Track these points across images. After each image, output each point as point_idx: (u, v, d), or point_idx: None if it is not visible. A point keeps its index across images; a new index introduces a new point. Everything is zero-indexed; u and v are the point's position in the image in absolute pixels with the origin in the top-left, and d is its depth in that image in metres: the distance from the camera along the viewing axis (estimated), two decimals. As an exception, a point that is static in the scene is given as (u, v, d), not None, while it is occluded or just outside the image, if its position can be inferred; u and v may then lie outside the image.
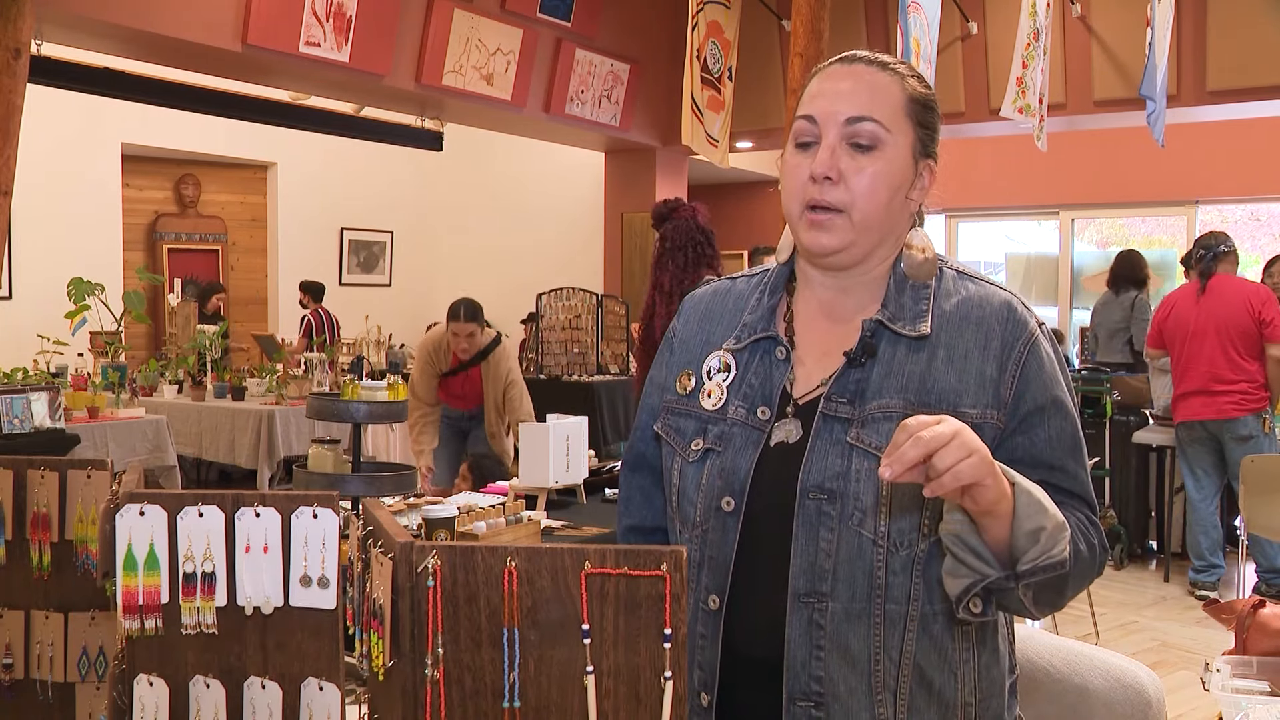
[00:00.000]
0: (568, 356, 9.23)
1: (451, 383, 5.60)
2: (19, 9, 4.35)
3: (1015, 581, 1.23)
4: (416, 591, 1.11)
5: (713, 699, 1.36)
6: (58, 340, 6.59)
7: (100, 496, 1.60)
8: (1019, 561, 1.22)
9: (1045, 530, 1.21)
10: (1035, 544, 1.21)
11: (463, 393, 5.59)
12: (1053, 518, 1.22)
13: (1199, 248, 5.84)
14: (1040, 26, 6.09)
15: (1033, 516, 1.21)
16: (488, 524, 2.98)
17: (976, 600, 1.25)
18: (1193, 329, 5.64)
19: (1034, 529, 1.21)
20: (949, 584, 1.25)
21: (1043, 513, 1.21)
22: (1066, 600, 1.36)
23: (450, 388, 5.60)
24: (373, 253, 11.77)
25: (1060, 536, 1.23)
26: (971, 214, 10.60)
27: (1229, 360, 5.52)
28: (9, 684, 1.64)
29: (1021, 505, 1.21)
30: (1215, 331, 5.55)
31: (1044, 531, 1.21)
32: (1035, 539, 1.21)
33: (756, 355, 1.42)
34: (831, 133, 1.35)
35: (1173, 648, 4.90)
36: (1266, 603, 2.21)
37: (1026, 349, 1.35)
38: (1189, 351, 5.64)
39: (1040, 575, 1.22)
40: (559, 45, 7.96)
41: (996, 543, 1.22)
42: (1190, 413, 5.64)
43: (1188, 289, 5.81)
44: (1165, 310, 5.87)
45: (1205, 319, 5.60)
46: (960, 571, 1.24)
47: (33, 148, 5.98)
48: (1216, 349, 5.54)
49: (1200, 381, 5.58)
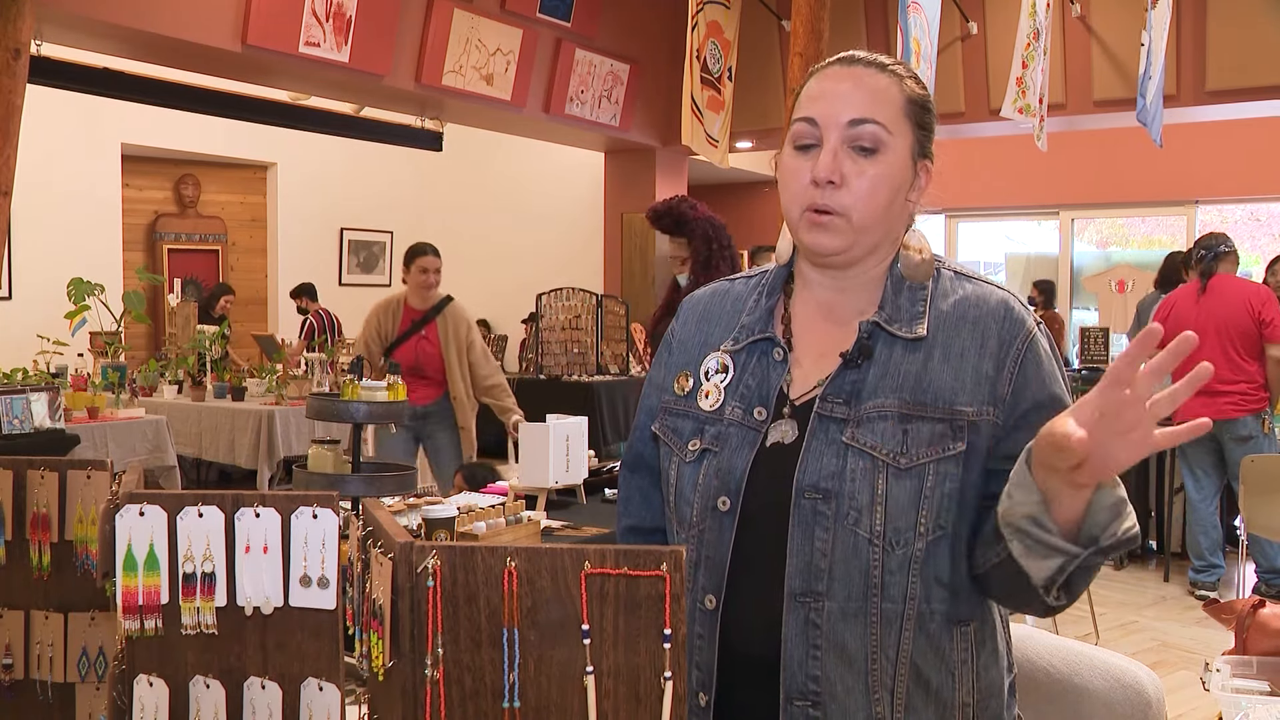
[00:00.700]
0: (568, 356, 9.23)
1: (401, 354, 5.17)
2: (19, 9, 4.35)
3: (1102, 556, 1.21)
4: (416, 592, 1.11)
5: (711, 699, 1.36)
6: (58, 340, 6.58)
7: (100, 497, 1.60)
8: (1099, 536, 1.19)
9: (1125, 500, 1.20)
10: (1116, 517, 1.19)
11: (416, 363, 5.16)
12: (1122, 490, 1.21)
13: (1199, 248, 5.83)
14: (1040, 26, 6.09)
15: (1114, 488, 1.19)
16: (487, 524, 2.98)
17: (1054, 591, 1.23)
18: (1192, 329, 5.62)
19: (1116, 500, 1.19)
20: (1034, 567, 1.22)
21: (1118, 484, 1.20)
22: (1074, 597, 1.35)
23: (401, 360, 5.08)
24: (373, 253, 11.77)
25: (1129, 509, 1.21)
26: (971, 214, 10.60)
27: (1229, 361, 5.51)
28: (9, 684, 1.64)
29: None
30: (1215, 332, 5.54)
31: (1124, 502, 1.20)
32: (1117, 511, 1.19)
33: (754, 356, 1.42)
34: (833, 136, 1.35)
35: (1173, 648, 4.90)
36: (1266, 603, 2.22)
37: (1025, 347, 1.35)
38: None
39: (1120, 549, 1.20)
40: (559, 45, 7.96)
41: (1067, 521, 1.20)
42: (1189, 414, 5.61)
43: (1188, 289, 5.81)
44: (1165, 310, 5.86)
45: (1205, 319, 5.59)
46: (1045, 553, 1.21)
47: (33, 148, 5.99)
48: (1216, 349, 5.53)
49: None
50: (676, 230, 4.31)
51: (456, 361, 5.21)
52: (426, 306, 5.26)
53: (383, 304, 5.34)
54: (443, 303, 5.26)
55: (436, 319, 5.25)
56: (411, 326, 5.24)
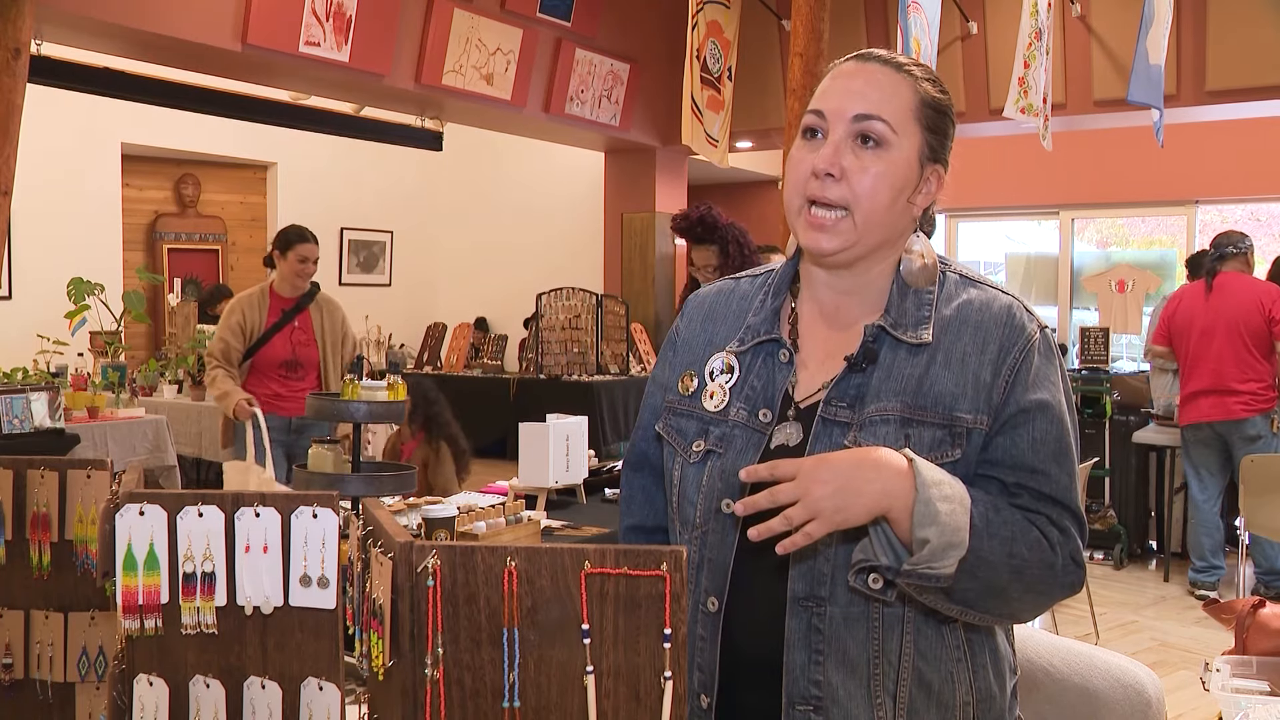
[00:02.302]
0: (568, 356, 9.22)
1: (275, 348, 4.72)
2: (19, 9, 4.35)
3: (895, 576, 1.24)
4: (416, 591, 1.11)
5: (713, 701, 1.36)
6: (58, 340, 6.58)
7: (100, 496, 1.60)
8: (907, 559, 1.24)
9: (929, 544, 1.21)
10: (919, 552, 1.22)
11: (293, 357, 4.73)
12: (944, 532, 1.21)
13: (1211, 246, 5.77)
14: (1042, 26, 6.09)
15: (921, 527, 1.21)
16: (487, 524, 2.98)
17: (877, 578, 1.26)
18: (1201, 326, 5.55)
19: (920, 539, 1.21)
20: (854, 553, 1.27)
21: (931, 525, 1.21)
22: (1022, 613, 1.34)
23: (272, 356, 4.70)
24: (373, 253, 11.76)
25: (948, 554, 1.22)
26: (971, 214, 10.60)
27: (1239, 360, 5.44)
28: (9, 684, 1.63)
29: (916, 515, 1.21)
30: (1225, 330, 5.47)
31: (927, 544, 1.21)
32: (921, 547, 1.22)
33: (759, 358, 1.42)
34: (838, 129, 1.35)
35: (1173, 648, 4.90)
36: (1266, 603, 2.21)
37: (1023, 354, 1.35)
38: (1196, 349, 5.56)
39: (918, 581, 1.23)
40: (559, 45, 7.96)
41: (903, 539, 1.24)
42: (1198, 414, 5.56)
43: (1195, 287, 5.75)
44: (1173, 305, 5.79)
45: (1214, 317, 5.52)
46: (864, 547, 1.25)
47: (33, 148, 5.98)
48: (1226, 348, 5.45)
49: (1208, 381, 5.50)
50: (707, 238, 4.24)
51: (332, 356, 4.82)
52: (297, 295, 4.84)
53: (244, 296, 4.86)
54: (313, 290, 4.84)
55: (310, 307, 4.85)
56: (282, 317, 4.78)
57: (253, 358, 4.76)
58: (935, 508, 1.21)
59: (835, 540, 1.30)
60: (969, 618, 1.30)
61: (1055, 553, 1.30)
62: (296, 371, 4.78)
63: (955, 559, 1.22)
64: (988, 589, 1.26)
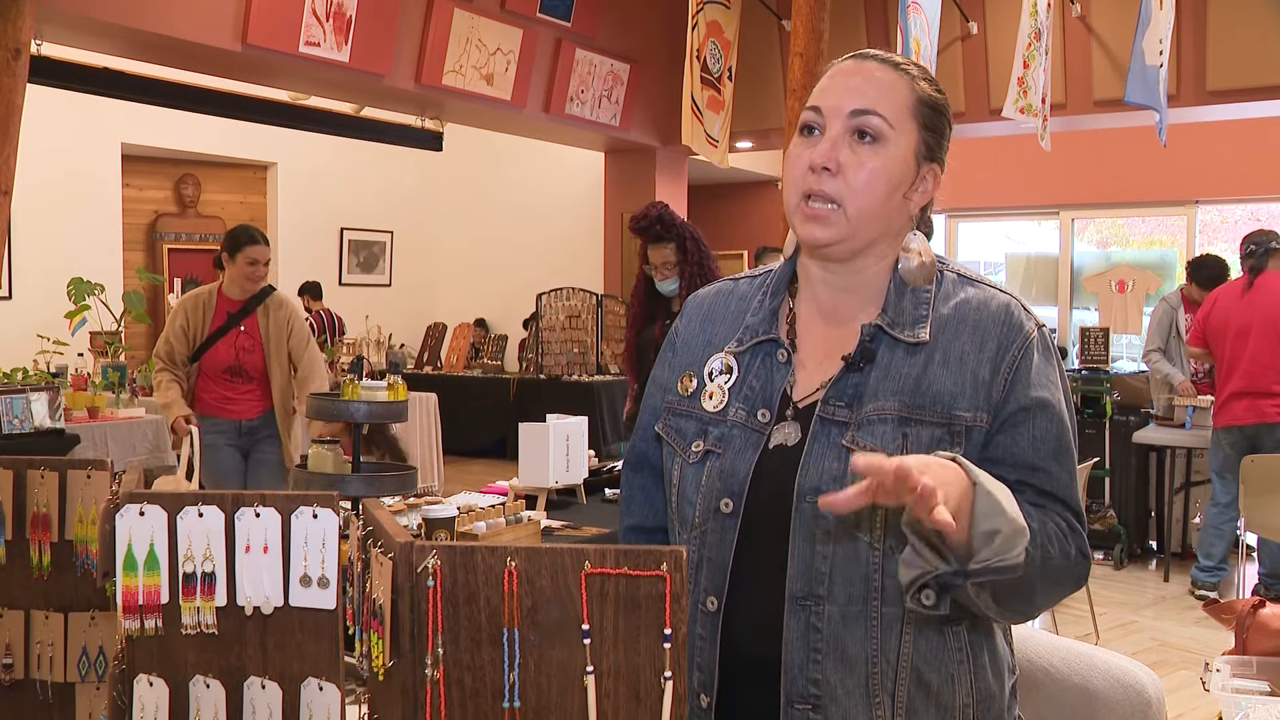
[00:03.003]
0: (568, 356, 9.23)
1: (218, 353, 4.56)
2: (19, 9, 4.35)
3: (964, 578, 1.20)
4: (416, 591, 1.11)
5: (712, 700, 1.36)
6: (58, 340, 6.59)
7: (100, 496, 1.60)
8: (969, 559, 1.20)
9: (1000, 533, 1.19)
10: (988, 545, 1.19)
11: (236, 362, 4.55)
12: (1011, 521, 1.20)
13: (1249, 243, 5.59)
14: (1041, 26, 6.10)
15: (989, 518, 1.19)
16: (488, 524, 2.99)
17: (929, 593, 1.22)
18: (1236, 327, 5.41)
19: (989, 530, 1.19)
20: (902, 572, 1.23)
21: (999, 515, 1.19)
22: (1038, 607, 1.35)
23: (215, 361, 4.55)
24: (373, 253, 11.77)
25: (1017, 541, 1.20)
26: (971, 214, 10.60)
27: (1274, 361, 5.30)
28: (9, 684, 1.63)
29: (980, 507, 1.19)
30: (1260, 330, 5.34)
31: (999, 534, 1.19)
32: (989, 540, 1.19)
33: (758, 358, 1.42)
34: (835, 124, 1.36)
35: (1173, 648, 4.90)
36: (1266, 603, 2.21)
37: (1021, 352, 1.35)
38: (1233, 351, 5.41)
39: (991, 576, 1.20)
40: (559, 45, 7.96)
41: (955, 539, 1.20)
42: (1232, 418, 5.42)
43: (1233, 286, 5.61)
44: (1208, 306, 5.63)
45: (1251, 317, 5.38)
46: (914, 561, 1.22)
47: (33, 148, 5.99)
48: (1262, 348, 5.33)
49: (1243, 383, 5.36)
50: (665, 235, 4.26)
51: (277, 359, 4.59)
52: (245, 298, 4.61)
53: (191, 297, 4.65)
54: (264, 292, 4.61)
55: (257, 310, 4.61)
56: (227, 321, 4.57)
57: (199, 361, 4.61)
58: (996, 498, 1.19)
59: (832, 538, 1.30)
60: (990, 613, 1.30)
61: (1067, 548, 1.31)
62: (241, 377, 4.60)
63: (1023, 546, 1.21)
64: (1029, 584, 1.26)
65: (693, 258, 4.22)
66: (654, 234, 4.26)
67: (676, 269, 4.25)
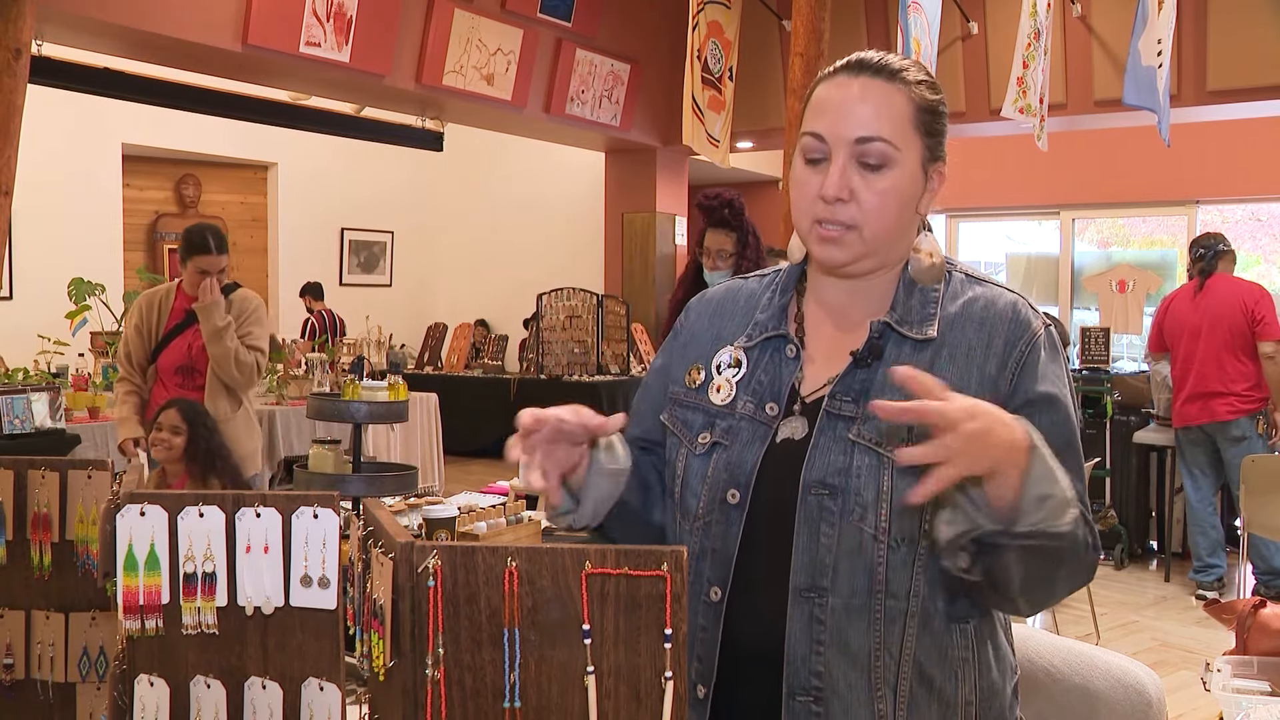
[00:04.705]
0: (568, 356, 9.23)
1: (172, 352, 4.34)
2: (19, 9, 4.35)
3: (1011, 539, 1.20)
4: (417, 591, 1.11)
5: (709, 691, 1.36)
6: (58, 340, 6.59)
7: (101, 497, 1.60)
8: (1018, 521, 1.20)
9: (1053, 498, 1.19)
10: (1039, 509, 1.19)
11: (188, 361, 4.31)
12: (1064, 490, 1.21)
13: (1198, 247, 5.75)
14: (1041, 26, 6.10)
15: (1044, 483, 1.19)
16: (488, 524, 2.99)
17: (965, 556, 1.23)
18: (1190, 329, 5.59)
19: (1042, 494, 1.19)
20: (942, 530, 1.23)
21: (1054, 482, 1.20)
22: (1056, 595, 1.34)
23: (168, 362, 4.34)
24: (373, 253, 11.77)
25: (1067, 510, 1.21)
26: (971, 214, 10.60)
27: (1223, 361, 5.46)
28: (9, 684, 1.64)
29: (1036, 470, 1.19)
30: (1209, 332, 5.51)
31: (1051, 499, 1.19)
32: (1041, 505, 1.19)
33: (767, 353, 1.43)
34: (841, 153, 1.35)
35: (1173, 648, 4.90)
36: (1267, 603, 2.22)
37: (1029, 347, 1.36)
38: (1187, 353, 5.60)
39: (1039, 540, 1.20)
40: (559, 45, 7.97)
41: (1000, 502, 1.20)
42: (1187, 419, 5.62)
43: (1186, 289, 5.77)
44: (1163, 310, 5.83)
45: (1201, 319, 5.55)
46: (956, 518, 1.22)
47: (33, 148, 5.98)
48: (1210, 350, 5.49)
49: (1197, 384, 5.54)
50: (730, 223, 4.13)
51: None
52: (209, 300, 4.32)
53: (146, 295, 4.45)
54: (226, 289, 4.33)
55: None
56: (185, 319, 4.33)
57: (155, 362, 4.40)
58: (1051, 466, 1.20)
59: (837, 530, 1.30)
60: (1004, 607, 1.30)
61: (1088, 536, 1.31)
62: (193, 377, 4.34)
63: (1073, 516, 1.21)
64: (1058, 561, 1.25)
65: (750, 254, 4.12)
66: (719, 218, 4.12)
67: (730, 260, 4.12)
